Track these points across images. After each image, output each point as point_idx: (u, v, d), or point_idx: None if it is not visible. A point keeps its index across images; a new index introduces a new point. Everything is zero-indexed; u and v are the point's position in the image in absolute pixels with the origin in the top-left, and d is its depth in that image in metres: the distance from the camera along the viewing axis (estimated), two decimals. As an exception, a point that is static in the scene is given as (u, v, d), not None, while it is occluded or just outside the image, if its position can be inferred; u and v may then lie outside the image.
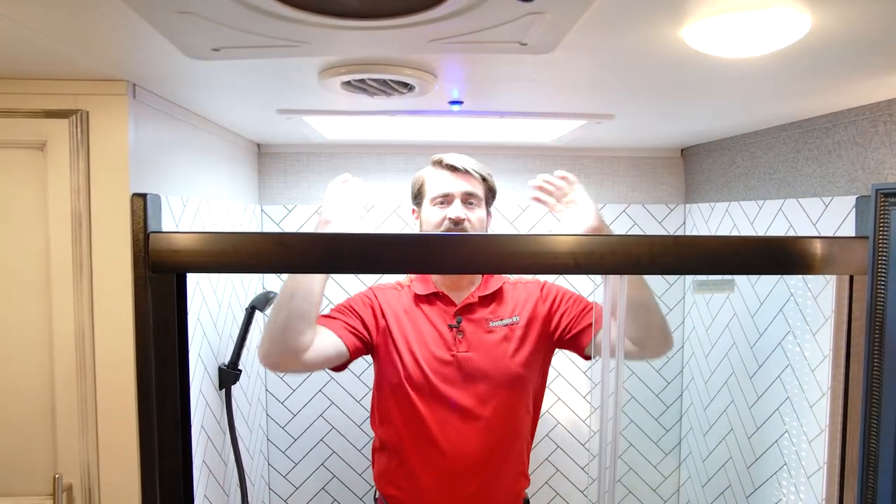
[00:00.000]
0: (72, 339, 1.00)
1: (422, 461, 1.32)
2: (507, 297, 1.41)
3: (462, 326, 1.35)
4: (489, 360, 1.33)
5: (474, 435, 1.31)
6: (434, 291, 1.38)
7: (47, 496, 1.02)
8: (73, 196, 0.99)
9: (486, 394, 1.33)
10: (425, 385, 1.31)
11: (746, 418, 1.54)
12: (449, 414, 1.31)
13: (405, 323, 1.36)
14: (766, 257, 1.10)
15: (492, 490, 1.33)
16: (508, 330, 1.37)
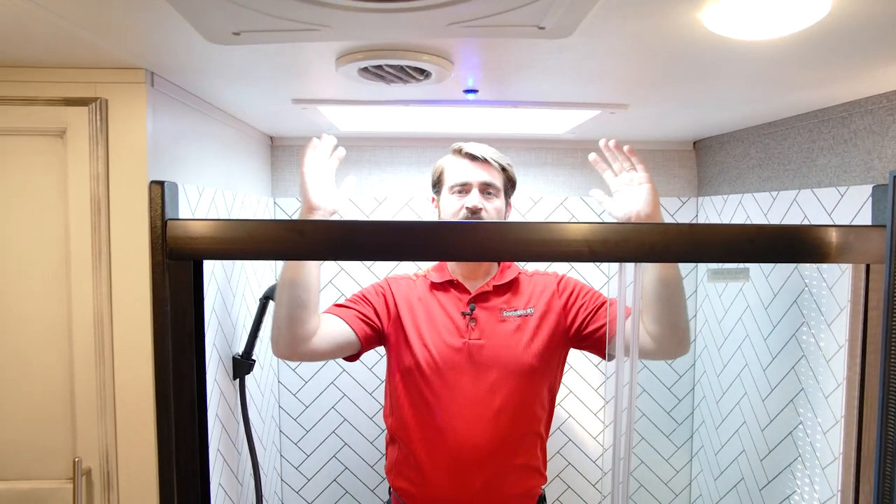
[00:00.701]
0: (90, 325, 1.01)
1: (429, 452, 1.31)
2: (522, 288, 1.40)
3: (475, 314, 1.34)
4: (501, 348, 1.32)
5: (483, 425, 1.29)
6: (449, 279, 1.39)
7: (67, 480, 1.03)
8: (93, 183, 1.00)
9: (497, 383, 1.30)
10: (435, 372, 1.30)
11: (760, 410, 1.54)
12: (458, 403, 1.30)
13: (418, 310, 1.36)
14: (782, 245, 1.10)
15: (502, 485, 1.30)
16: (522, 321, 1.35)
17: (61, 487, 1.02)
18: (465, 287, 1.38)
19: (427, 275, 1.42)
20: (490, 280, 1.39)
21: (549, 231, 1.06)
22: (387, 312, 1.36)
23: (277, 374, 1.84)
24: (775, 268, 1.47)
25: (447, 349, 1.32)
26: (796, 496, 1.40)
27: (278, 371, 1.84)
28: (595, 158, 1.33)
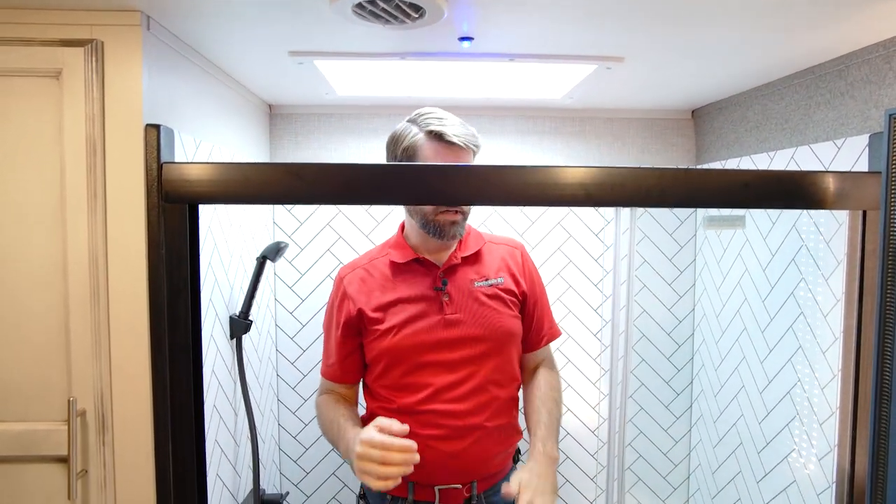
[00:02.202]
0: (86, 266, 1.02)
1: (413, 426, 1.27)
2: (487, 258, 1.40)
3: (448, 289, 1.33)
4: (479, 319, 1.33)
5: (467, 398, 1.31)
6: (415, 258, 1.35)
7: (62, 421, 1.03)
8: (88, 124, 1.01)
9: (477, 354, 1.32)
10: (415, 353, 1.30)
11: (758, 373, 1.53)
12: (440, 378, 1.30)
13: (386, 297, 1.33)
14: (778, 191, 1.10)
15: (485, 447, 1.32)
16: (495, 289, 1.37)
17: (56, 429, 1.03)
18: (431, 262, 1.36)
19: (388, 255, 1.37)
20: (455, 252, 1.37)
21: (545, 175, 1.05)
22: (357, 323, 1.34)
23: (276, 343, 1.84)
24: (773, 228, 1.47)
25: (425, 329, 1.31)
26: (794, 454, 1.39)
27: (276, 340, 1.84)
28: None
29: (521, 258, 1.45)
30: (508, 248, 1.45)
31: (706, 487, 1.81)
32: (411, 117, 1.31)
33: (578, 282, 1.84)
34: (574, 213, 1.83)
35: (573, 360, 1.86)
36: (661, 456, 1.92)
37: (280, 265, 1.82)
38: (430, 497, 1.34)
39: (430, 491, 1.33)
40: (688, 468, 1.92)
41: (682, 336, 1.89)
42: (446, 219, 1.29)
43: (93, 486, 1.04)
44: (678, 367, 1.89)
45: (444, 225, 1.30)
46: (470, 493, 1.34)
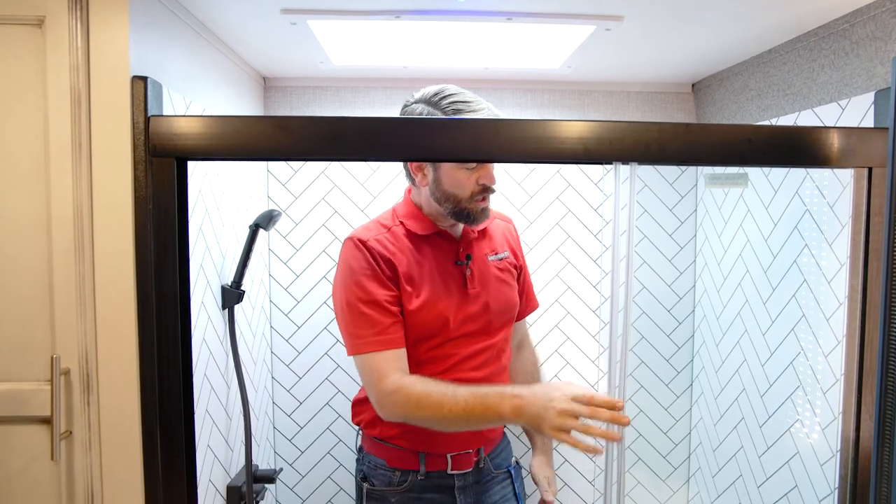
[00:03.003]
0: (70, 220, 0.99)
1: None
2: (494, 231, 1.43)
3: (469, 263, 1.34)
4: (495, 293, 1.36)
5: (484, 369, 1.33)
6: (437, 230, 1.33)
7: (45, 381, 1.00)
8: (73, 74, 0.98)
9: (494, 327, 1.35)
10: (444, 327, 1.28)
11: (760, 345, 1.51)
12: (463, 349, 1.31)
13: (414, 268, 1.28)
14: (781, 146, 1.07)
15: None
16: (504, 263, 1.40)
17: (40, 388, 1.00)
18: (451, 235, 1.34)
19: (405, 224, 1.32)
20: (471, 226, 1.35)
21: (544, 129, 1.03)
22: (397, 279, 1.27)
23: (270, 319, 1.81)
24: (775, 196, 1.44)
25: (453, 304, 1.29)
26: (797, 425, 1.36)
27: (270, 316, 1.81)
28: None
29: (514, 232, 1.50)
30: (503, 223, 1.49)
31: (707, 466, 1.78)
32: (430, 98, 1.24)
33: (577, 257, 1.82)
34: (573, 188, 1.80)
35: (572, 337, 1.83)
36: (662, 435, 1.89)
37: (274, 240, 1.79)
38: (443, 465, 1.34)
39: (443, 459, 1.34)
40: (688, 447, 1.90)
41: (682, 313, 1.86)
42: (479, 206, 1.27)
43: (77, 447, 1.01)
44: (678, 344, 1.87)
45: (476, 212, 1.27)
46: (478, 457, 1.37)
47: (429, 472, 1.33)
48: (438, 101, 1.23)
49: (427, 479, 1.34)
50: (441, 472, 1.34)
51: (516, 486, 1.44)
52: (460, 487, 1.35)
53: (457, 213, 1.28)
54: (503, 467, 1.44)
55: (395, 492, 1.34)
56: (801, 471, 1.35)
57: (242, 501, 1.43)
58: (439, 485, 1.34)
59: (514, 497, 1.43)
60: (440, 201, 1.28)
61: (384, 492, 1.35)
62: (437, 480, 1.34)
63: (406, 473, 1.34)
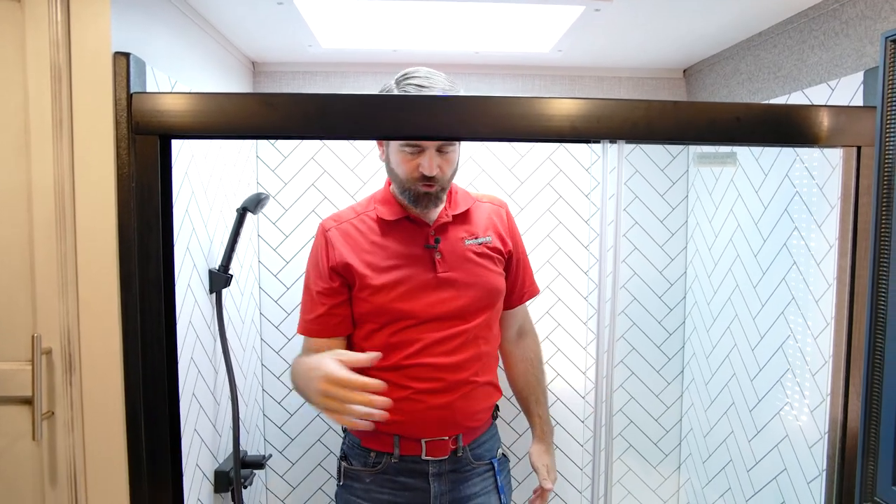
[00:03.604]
0: (51, 197, 0.98)
1: (401, 380, 1.30)
2: (475, 217, 1.41)
3: (440, 247, 1.33)
4: (470, 277, 1.34)
5: (456, 354, 1.32)
6: (405, 216, 1.34)
7: (27, 361, 0.99)
8: (53, 50, 0.96)
9: (468, 312, 1.33)
10: (408, 311, 1.30)
11: (750, 330, 1.50)
12: (433, 334, 1.30)
13: (377, 255, 1.32)
14: (770, 124, 1.07)
15: (469, 403, 1.34)
16: (483, 247, 1.38)
17: (21, 369, 0.99)
18: (422, 220, 1.34)
19: (376, 210, 1.35)
20: (445, 209, 1.36)
21: (531, 105, 1.02)
22: (344, 276, 1.32)
23: (259, 305, 1.80)
24: (765, 179, 1.43)
25: (417, 287, 1.30)
26: (786, 408, 1.36)
27: (260, 302, 1.80)
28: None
29: (506, 217, 1.47)
30: (494, 207, 1.46)
31: (698, 451, 1.78)
32: (397, 77, 1.29)
33: (567, 244, 1.81)
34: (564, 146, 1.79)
35: (562, 323, 1.83)
36: (653, 421, 1.89)
37: (264, 226, 1.78)
38: (417, 450, 1.33)
39: (417, 444, 1.33)
40: (679, 433, 1.90)
41: (674, 299, 1.86)
42: (421, 189, 1.28)
43: (59, 427, 1.00)
44: (670, 330, 1.86)
45: (418, 194, 1.28)
46: (456, 445, 1.35)
47: (403, 455, 1.34)
48: (400, 81, 1.27)
49: (401, 463, 1.34)
50: (415, 456, 1.33)
51: (499, 479, 1.42)
52: (435, 474, 1.35)
53: (404, 194, 1.30)
54: (486, 459, 1.41)
55: (370, 472, 1.35)
56: (791, 454, 1.35)
57: (230, 487, 1.42)
58: (413, 469, 1.34)
59: (497, 490, 1.41)
60: (391, 177, 1.33)
61: (360, 471, 1.36)
62: (412, 465, 1.34)
63: (381, 455, 1.35)
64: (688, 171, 1.82)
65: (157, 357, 1.03)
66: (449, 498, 1.36)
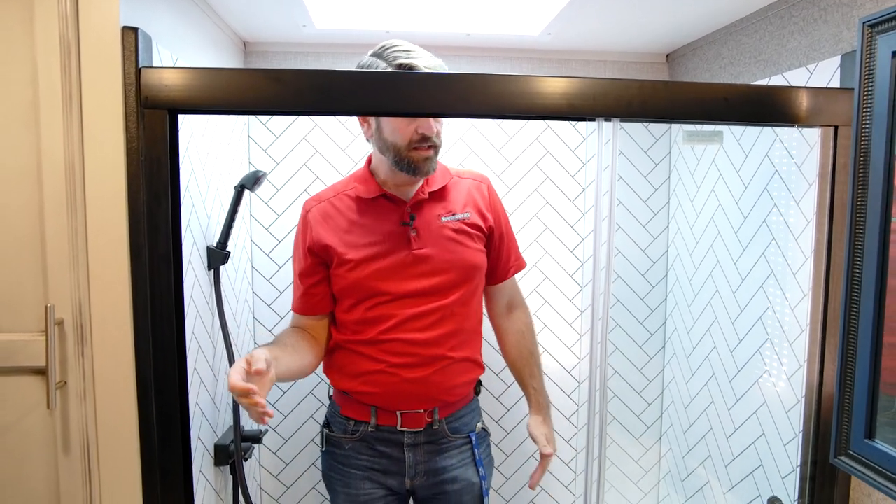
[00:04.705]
0: (61, 170, 0.99)
1: (379, 353, 1.35)
2: (454, 193, 1.43)
3: (415, 224, 1.36)
4: (446, 253, 1.36)
5: (433, 328, 1.35)
6: (382, 193, 1.36)
7: (38, 332, 1.01)
8: (61, 23, 0.97)
9: (444, 287, 1.36)
10: (382, 287, 1.33)
11: (731, 304, 1.58)
12: (407, 309, 1.34)
13: (354, 233, 1.35)
14: (755, 105, 1.13)
15: (446, 376, 1.38)
16: (461, 224, 1.39)
17: (33, 339, 1.00)
18: (399, 198, 1.37)
19: (354, 188, 1.39)
20: (422, 187, 1.38)
21: (527, 84, 1.06)
22: (323, 256, 1.37)
23: (252, 284, 1.82)
24: (746, 159, 1.50)
25: (392, 264, 1.33)
26: (765, 376, 1.44)
27: (252, 281, 1.82)
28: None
29: (488, 192, 1.48)
30: (475, 182, 1.47)
31: (678, 422, 1.86)
32: (376, 51, 1.29)
33: (555, 223, 1.86)
34: (552, 128, 1.84)
35: (550, 301, 1.88)
36: (635, 395, 1.96)
37: (256, 206, 1.79)
38: (393, 421, 1.38)
39: (393, 415, 1.38)
40: (661, 406, 1.97)
41: (656, 276, 1.93)
42: (420, 155, 1.30)
43: (72, 397, 1.02)
44: (652, 307, 1.93)
45: (417, 161, 1.30)
46: (431, 419, 1.39)
47: (379, 425, 1.38)
48: (382, 52, 1.27)
49: (378, 432, 1.38)
50: (391, 427, 1.38)
51: (477, 453, 1.45)
52: (410, 445, 1.39)
53: (398, 163, 1.31)
54: (463, 432, 1.44)
55: (349, 439, 1.40)
56: (768, 419, 1.42)
57: (230, 460, 1.45)
58: (389, 439, 1.39)
59: (474, 463, 1.44)
60: (383, 151, 1.33)
61: (340, 438, 1.41)
62: (388, 434, 1.38)
63: (359, 424, 1.39)
64: (670, 152, 1.89)
65: (167, 328, 1.05)
66: (424, 468, 1.40)
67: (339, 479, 1.41)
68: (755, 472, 1.48)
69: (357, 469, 1.40)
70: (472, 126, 1.81)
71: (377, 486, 1.40)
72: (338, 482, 1.42)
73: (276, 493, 1.87)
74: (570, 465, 1.94)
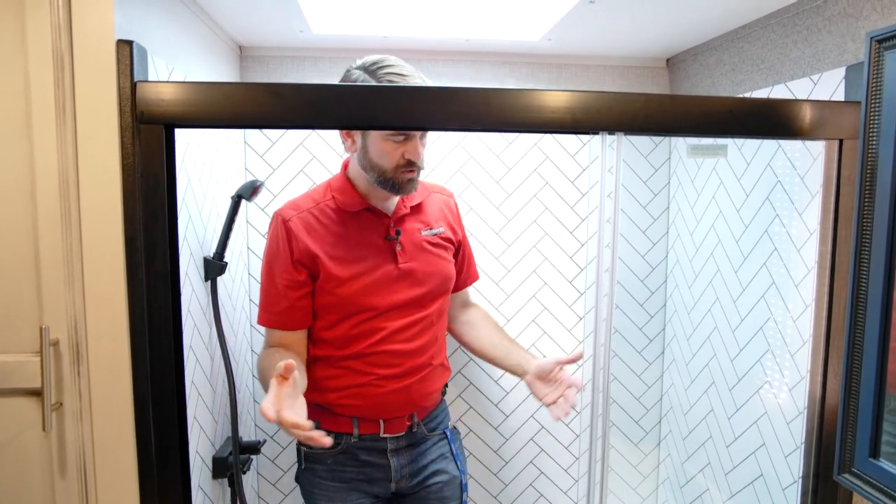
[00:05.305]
0: (55, 187, 0.97)
1: (362, 367, 1.36)
2: (429, 208, 1.46)
3: (400, 239, 1.37)
4: (428, 267, 1.39)
5: (416, 339, 1.38)
6: (366, 207, 1.36)
7: (33, 353, 0.99)
8: (54, 34, 0.95)
9: (426, 299, 1.39)
10: (371, 303, 1.33)
11: (731, 313, 1.57)
12: (394, 322, 1.35)
13: (340, 245, 1.33)
14: (760, 118, 1.11)
15: (425, 385, 1.41)
16: (437, 238, 1.43)
17: (28, 360, 0.98)
18: (381, 211, 1.37)
19: (335, 199, 1.35)
20: (403, 201, 1.40)
21: (531, 98, 1.05)
22: (308, 267, 1.33)
23: (248, 292, 1.80)
24: (748, 168, 1.49)
25: (380, 279, 1.34)
26: (766, 387, 1.43)
27: (249, 289, 1.80)
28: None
29: (454, 207, 1.53)
30: (443, 197, 1.51)
31: (678, 429, 1.86)
32: (365, 65, 1.26)
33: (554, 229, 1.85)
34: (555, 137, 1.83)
35: (549, 307, 1.87)
36: (634, 401, 1.96)
37: (252, 213, 1.77)
38: (375, 429, 1.40)
39: (376, 424, 1.40)
40: (660, 412, 1.97)
41: (655, 282, 1.92)
42: (404, 177, 1.30)
43: (68, 418, 1.00)
44: (651, 313, 1.93)
45: (401, 182, 1.31)
46: (411, 422, 1.43)
47: (362, 434, 1.39)
48: (375, 70, 1.25)
49: (360, 442, 1.39)
50: (374, 434, 1.39)
51: (454, 447, 1.49)
52: (393, 450, 1.41)
53: (382, 183, 1.31)
54: (439, 430, 1.49)
55: (332, 453, 1.39)
56: (769, 430, 1.42)
57: (229, 472, 1.43)
58: (373, 447, 1.40)
59: (452, 457, 1.49)
60: (366, 169, 1.32)
61: (321, 454, 1.40)
62: (371, 443, 1.39)
63: (340, 436, 1.39)
64: (670, 158, 1.88)
65: (165, 345, 1.03)
66: (409, 470, 1.43)
67: (323, 495, 1.41)
68: (755, 482, 1.48)
69: (342, 482, 1.40)
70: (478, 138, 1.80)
71: (363, 495, 1.41)
72: (322, 497, 1.41)
73: (274, 500, 1.86)
74: (568, 471, 1.94)
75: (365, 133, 1.28)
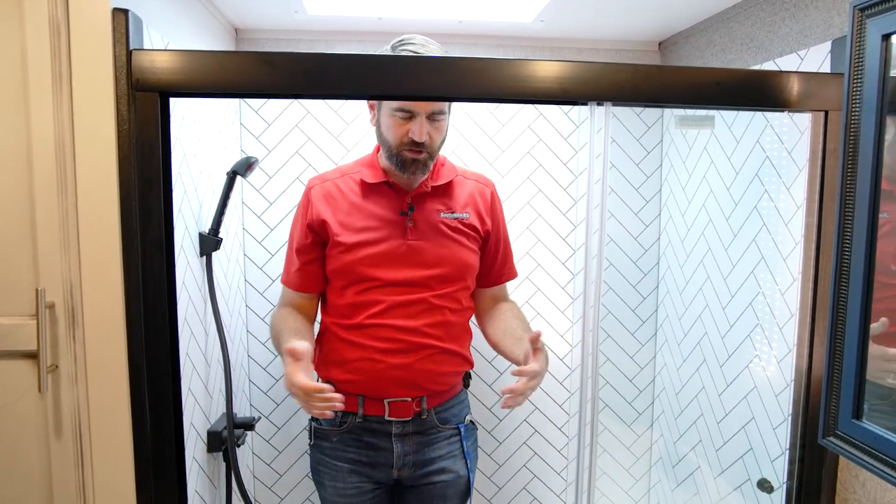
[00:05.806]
0: (52, 153, 0.98)
1: (365, 339, 1.36)
2: (457, 192, 1.43)
3: (413, 215, 1.36)
4: (440, 249, 1.37)
5: (418, 317, 1.36)
6: (385, 181, 1.37)
7: (29, 316, 1.00)
8: (50, 4, 0.96)
9: (434, 280, 1.37)
10: (372, 273, 1.34)
11: (721, 290, 1.59)
12: (396, 297, 1.35)
13: (353, 216, 1.36)
14: (747, 89, 1.13)
15: (431, 364, 1.37)
16: (459, 223, 1.40)
17: (24, 323, 1.00)
18: (401, 188, 1.38)
19: (360, 172, 1.40)
20: (426, 180, 1.39)
21: (520, 67, 1.06)
22: (321, 233, 1.38)
23: (244, 272, 1.81)
24: (737, 146, 1.51)
25: (384, 251, 1.34)
26: (755, 361, 1.45)
27: (245, 270, 1.81)
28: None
29: (490, 196, 1.48)
30: (478, 185, 1.48)
31: (670, 408, 1.88)
32: (393, 44, 1.32)
33: (547, 211, 1.87)
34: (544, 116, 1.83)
35: (542, 288, 1.89)
36: (627, 382, 1.97)
37: (248, 193, 1.78)
38: (381, 410, 1.38)
39: (380, 404, 1.38)
40: (652, 393, 1.99)
41: (648, 264, 1.94)
42: (409, 155, 1.31)
43: (64, 381, 1.01)
44: (644, 294, 1.94)
45: (406, 160, 1.32)
46: (420, 408, 1.39)
47: (367, 415, 1.38)
48: (396, 47, 1.31)
49: (365, 422, 1.39)
50: (379, 417, 1.38)
51: (465, 445, 1.45)
52: (398, 435, 1.39)
53: (390, 158, 1.34)
54: (452, 423, 1.44)
55: (337, 431, 1.40)
56: (758, 403, 1.44)
57: (223, 446, 1.45)
58: (377, 429, 1.39)
59: (463, 455, 1.44)
60: (380, 141, 1.37)
61: (328, 431, 1.41)
62: (376, 425, 1.38)
63: (346, 415, 1.39)
64: (662, 139, 1.90)
65: (159, 312, 1.05)
66: (413, 459, 1.40)
67: (326, 473, 1.42)
68: (745, 455, 1.50)
69: (344, 462, 1.40)
70: (465, 114, 1.81)
71: (364, 479, 1.40)
72: (325, 475, 1.42)
73: (269, 480, 1.87)
74: (562, 451, 1.96)
75: (380, 105, 1.32)
